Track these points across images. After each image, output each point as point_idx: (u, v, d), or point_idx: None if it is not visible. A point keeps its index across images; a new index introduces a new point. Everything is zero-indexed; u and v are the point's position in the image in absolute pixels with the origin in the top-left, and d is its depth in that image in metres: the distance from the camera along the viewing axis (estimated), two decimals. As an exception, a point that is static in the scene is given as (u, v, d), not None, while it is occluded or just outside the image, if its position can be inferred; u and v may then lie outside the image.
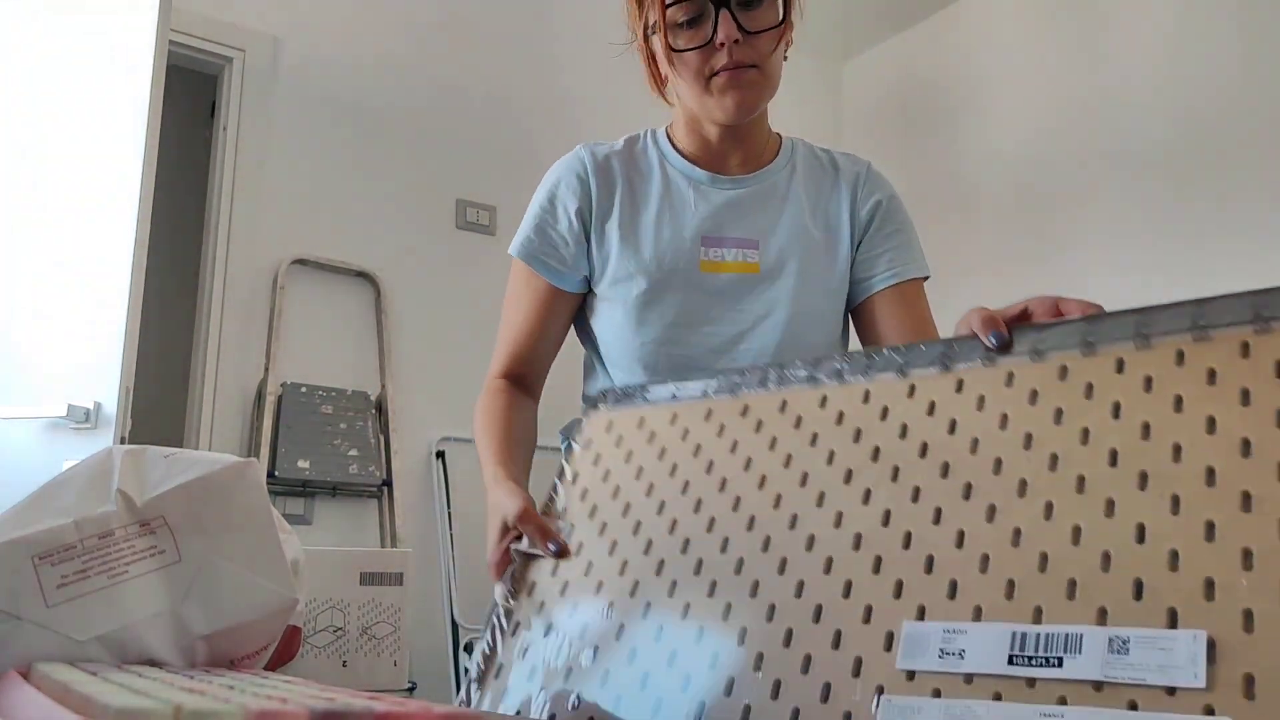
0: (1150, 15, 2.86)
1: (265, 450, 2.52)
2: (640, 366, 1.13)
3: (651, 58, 1.15)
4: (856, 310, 1.18)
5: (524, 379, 1.18)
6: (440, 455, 2.82)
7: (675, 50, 1.08)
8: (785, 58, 1.14)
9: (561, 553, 0.90)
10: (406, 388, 2.84)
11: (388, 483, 2.69)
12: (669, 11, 1.07)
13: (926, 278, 1.18)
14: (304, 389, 2.65)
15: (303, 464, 2.56)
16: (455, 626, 2.64)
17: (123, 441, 2.02)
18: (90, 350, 2.09)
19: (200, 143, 3.01)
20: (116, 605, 0.68)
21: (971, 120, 3.36)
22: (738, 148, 1.16)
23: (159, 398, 3.05)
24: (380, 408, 2.77)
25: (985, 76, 3.34)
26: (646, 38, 1.12)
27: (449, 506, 2.76)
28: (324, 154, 2.85)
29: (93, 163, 2.18)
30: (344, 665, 1.09)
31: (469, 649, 2.64)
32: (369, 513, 2.72)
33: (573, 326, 1.22)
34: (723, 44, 1.05)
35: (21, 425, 2.09)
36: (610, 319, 1.15)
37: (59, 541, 0.68)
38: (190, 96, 3.25)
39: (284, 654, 0.86)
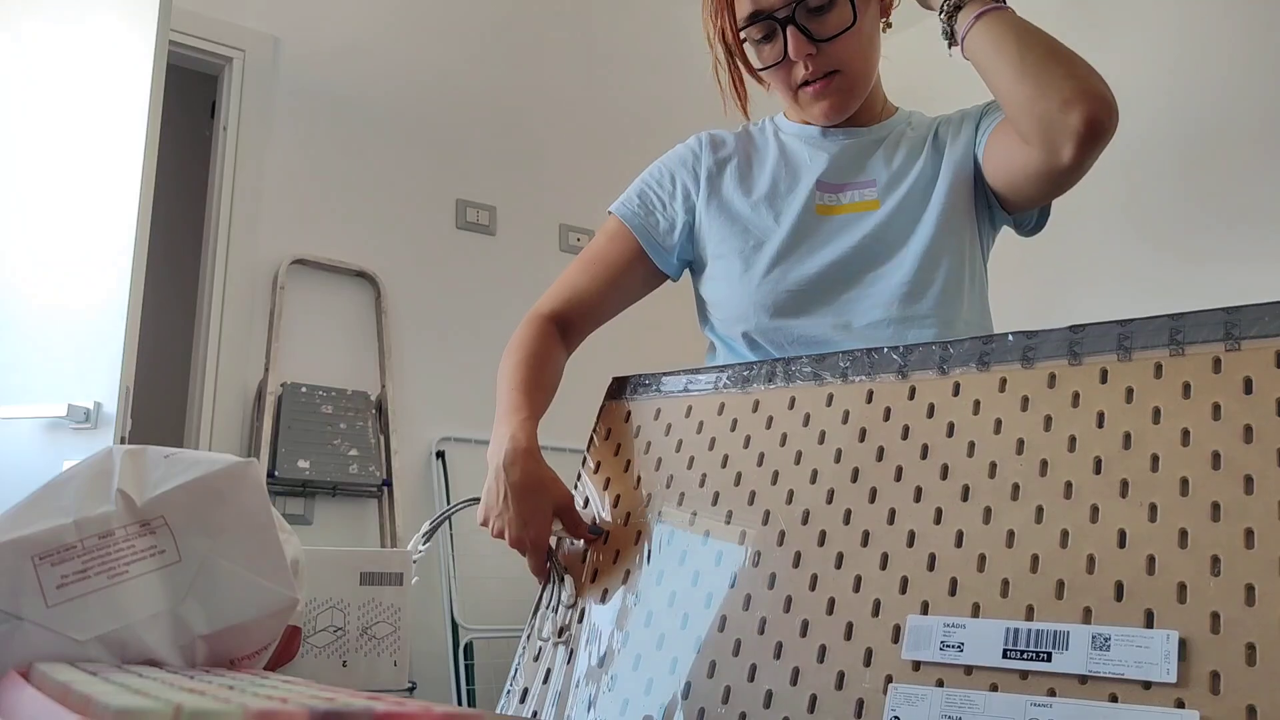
0: (1151, 15, 2.86)
1: (265, 450, 2.52)
2: (756, 311, 1.09)
3: (734, 75, 1.15)
4: (986, 169, 1.10)
5: (570, 325, 1.16)
6: (440, 455, 2.82)
7: (756, 70, 1.10)
8: (889, 24, 1.14)
9: (596, 540, 0.96)
10: (406, 388, 2.84)
11: (388, 483, 2.69)
12: (742, 34, 1.08)
13: None
14: (304, 389, 2.65)
15: (303, 464, 2.56)
16: (455, 626, 2.64)
17: (123, 441, 2.02)
18: (90, 350, 2.09)
19: (200, 143, 3.01)
20: (116, 605, 0.68)
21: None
22: (848, 119, 1.17)
23: (159, 398, 3.06)
24: (380, 408, 2.77)
25: (985, 76, 3.34)
26: (730, 56, 1.12)
27: (449, 507, 2.76)
28: (324, 154, 2.85)
29: (93, 162, 2.18)
30: (344, 665, 1.09)
31: (469, 649, 2.64)
32: (369, 513, 2.72)
33: (698, 319, 1.21)
34: (796, 60, 1.06)
35: (21, 425, 2.09)
36: (725, 273, 1.13)
37: (59, 541, 0.68)
38: (190, 96, 3.25)
39: (284, 654, 0.86)
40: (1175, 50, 2.79)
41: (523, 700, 0.90)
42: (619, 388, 1.09)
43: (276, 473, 2.51)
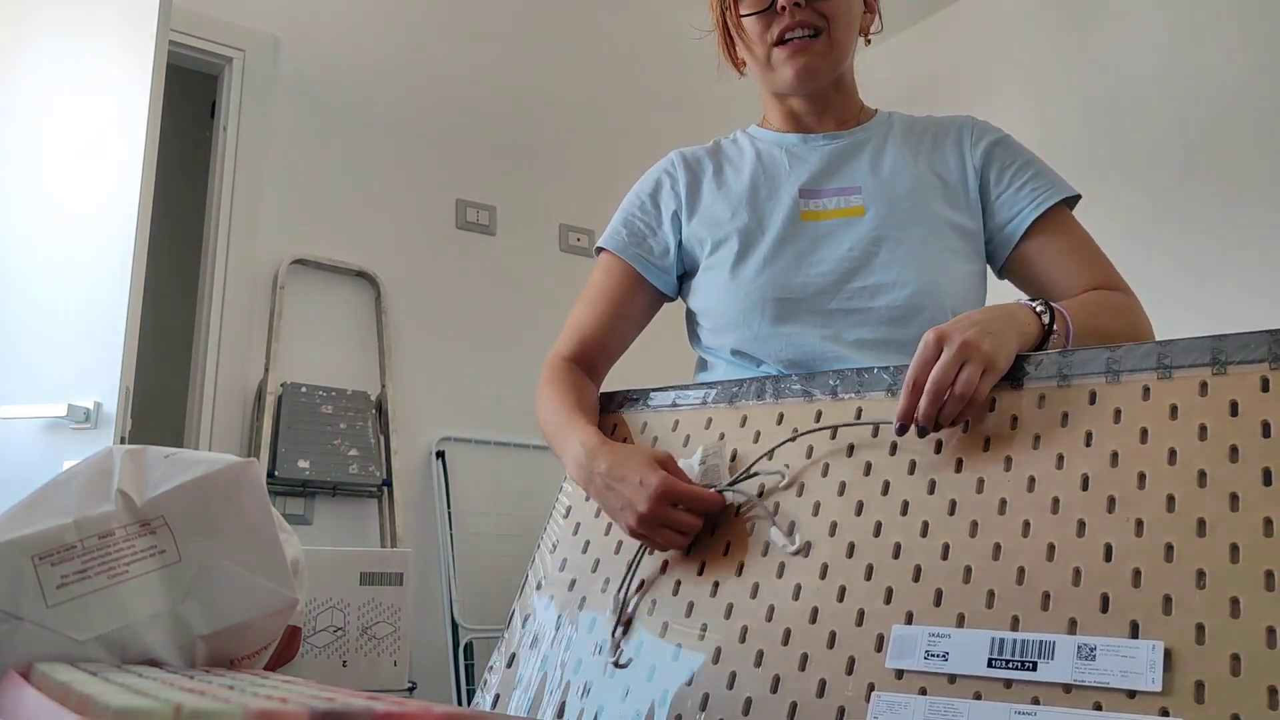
0: (1150, 14, 2.86)
1: (265, 450, 2.52)
2: (746, 318, 1.08)
3: (728, 37, 1.15)
4: (1013, 262, 1.11)
5: (588, 364, 1.16)
6: (440, 455, 2.82)
7: (741, 16, 1.11)
8: (868, 40, 1.16)
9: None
10: (406, 388, 2.84)
11: (388, 483, 2.69)
12: None
13: (1078, 196, 1.12)
14: (304, 389, 2.65)
15: (303, 464, 2.56)
16: (455, 626, 2.64)
17: (123, 441, 2.02)
18: (90, 350, 2.09)
19: (200, 143, 3.01)
20: (116, 605, 0.68)
21: (971, 120, 3.36)
22: (826, 116, 1.17)
23: (159, 398, 3.05)
24: (380, 408, 2.77)
25: (984, 77, 3.34)
26: (724, 14, 1.14)
27: (449, 506, 2.76)
28: (324, 154, 2.85)
29: (93, 162, 2.18)
30: (344, 665, 1.09)
31: (469, 649, 2.64)
32: (369, 513, 2.72)
33: (687, 336, 1.21)
34: (784, 7, 1.06)
35: (21, 425, 2.09)
36: (713, 283, 1.12)
37: (59, 541, 0.68)
38: (190, 96, 3.25)
39: (284, 654, 0.86)
40: (1173, 46, 2.79)
41: (509, 665, 0.91)
42: (606, 402, 1.09)
43: (276, 473, 2.51)
